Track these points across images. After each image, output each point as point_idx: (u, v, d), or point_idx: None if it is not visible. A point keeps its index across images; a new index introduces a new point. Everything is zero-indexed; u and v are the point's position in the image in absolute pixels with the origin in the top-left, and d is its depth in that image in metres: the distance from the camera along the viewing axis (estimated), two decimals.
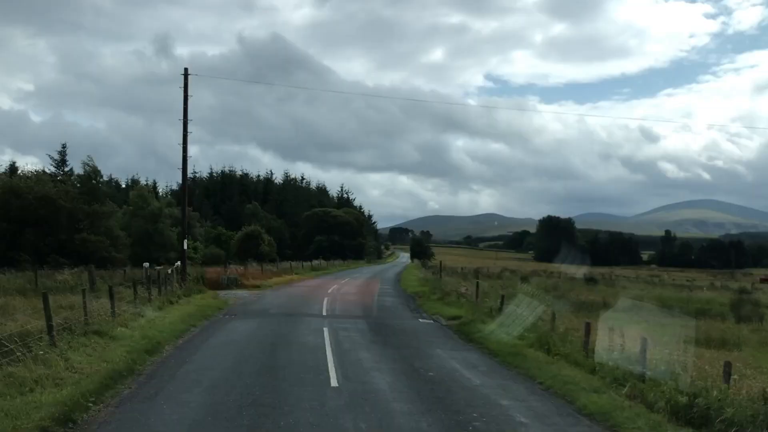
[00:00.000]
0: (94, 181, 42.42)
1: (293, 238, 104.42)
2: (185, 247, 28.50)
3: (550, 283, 48.39)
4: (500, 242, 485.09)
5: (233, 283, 33.94)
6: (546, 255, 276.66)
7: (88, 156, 45.05)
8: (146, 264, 31.46)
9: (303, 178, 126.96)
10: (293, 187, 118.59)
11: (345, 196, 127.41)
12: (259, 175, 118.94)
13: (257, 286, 35.47)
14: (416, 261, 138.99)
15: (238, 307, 26.81)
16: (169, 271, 28.79)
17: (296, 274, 49.74)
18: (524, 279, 56.15)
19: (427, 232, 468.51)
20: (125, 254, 42.73)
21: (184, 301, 24.94)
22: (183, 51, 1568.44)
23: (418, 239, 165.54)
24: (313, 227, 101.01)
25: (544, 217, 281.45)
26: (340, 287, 38.75)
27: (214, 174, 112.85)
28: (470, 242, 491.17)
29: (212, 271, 35.75)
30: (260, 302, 29.30)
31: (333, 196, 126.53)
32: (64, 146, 48.16)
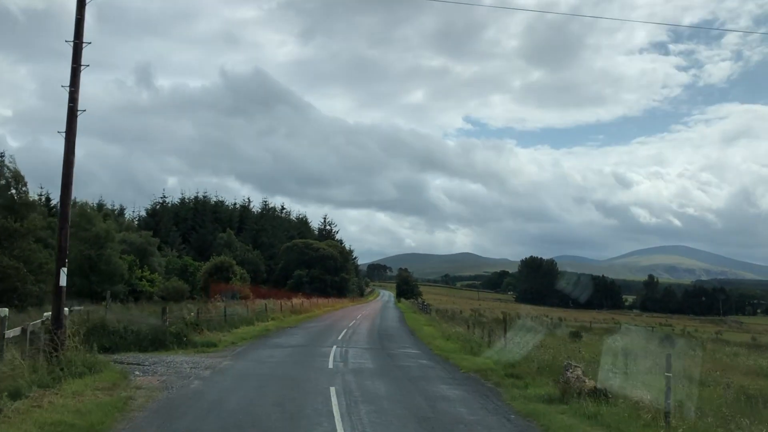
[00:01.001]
0: (13, 190, 31.80)
1: (270, 271, 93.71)
2: (61, 281, 14.33)
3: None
4: (477, 282, 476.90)
5: (175, 339, 20.65)
6: (527, 296, 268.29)
7: (10, 157, 34.58)
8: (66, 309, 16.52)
9: (283, 208, 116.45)
10: (272, 217, 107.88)
11: (328, 228, 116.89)
12: (235, 203, 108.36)
13: (213, 345, 21.98)
14: (405, 300, 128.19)
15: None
16: (36, 324, 14.83)
17: (272, 319, 38.61)
18: (575, 334, 46.00)
19: (406, 269, 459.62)
20: (49, 286, 32.04)
21: (33, 399, 11.05)
22: (165, 82, 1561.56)
23: (405, 277, 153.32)
24: (293, 260, 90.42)
25: (526, 258, 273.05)
26: (344, 349, 24.92)
27: (186, 200, 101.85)
28: (448, 281, 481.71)
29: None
30: (201, 403, 12.99)
31: (314, 228, 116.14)
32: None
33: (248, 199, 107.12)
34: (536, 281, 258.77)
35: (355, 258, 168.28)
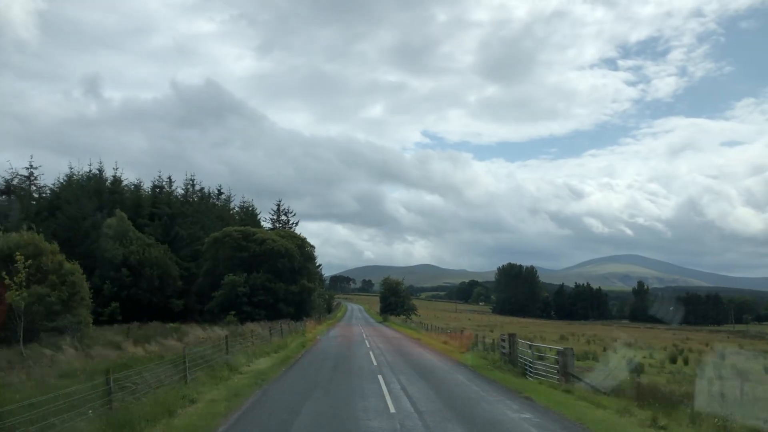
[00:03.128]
0: None
1: (188, 278, 59.10)
2: None
3: None
4: (441, 292, 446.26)
5: None
6: (506, 307, 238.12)
7: None
8: None
9: (220, 193, 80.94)
10: (200, 204, 72.91)
11: (283, 218, 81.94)
12: (140, 182, 72.38)
13: None
14: (393, 318, 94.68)
15: None
16: None
17: None
18: None
19: (369, 281, 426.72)
20: None
21: None
22: (115, 94, 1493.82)
23: (393, 286, 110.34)
24: (225, 259, 56.20)
25: (503, 266, 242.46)
26: None
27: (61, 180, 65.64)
28: (412, 292, 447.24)
29: None
30: None
31: (265, 222, 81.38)
32: None
33: (169, 178, 72.00)
34: (515, 290, 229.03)
35: (320, 266, 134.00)
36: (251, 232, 58.31)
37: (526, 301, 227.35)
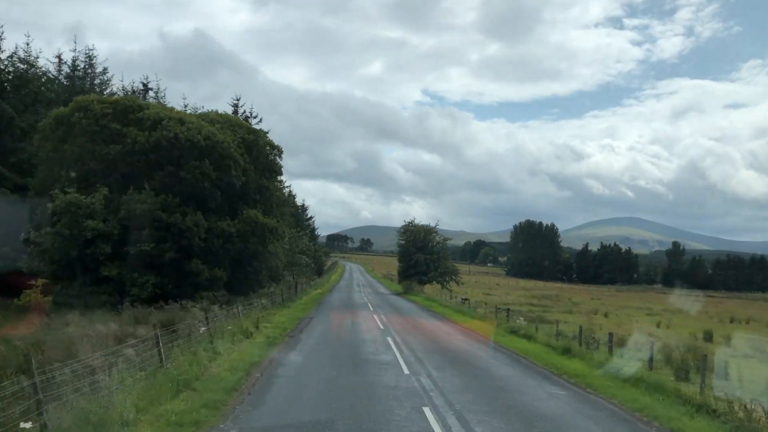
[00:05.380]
0: None
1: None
2: None
3: None
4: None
5: None
6: (522, 269, 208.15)
7: None
8: None
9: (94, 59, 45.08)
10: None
11: (242, 110, 49.78)
12: None
13: None
14: (418, 288, 60.28)
15: None
16: None
17: None
18: None
19: (368, 239, 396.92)
20: None
21: None
22: (102, 45, 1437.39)
23: (421, 236, 64.78)
24: (74, 159, 24.66)
25: (521, 223, 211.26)
26: None
27: None
28: None
29: None
30: None
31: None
32: None
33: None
34: (533, 251, 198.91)
35: (311, 218, 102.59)
36: (136, 106, 26.33)
37: (544, 262, 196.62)
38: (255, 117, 49.37)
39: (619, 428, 9.99)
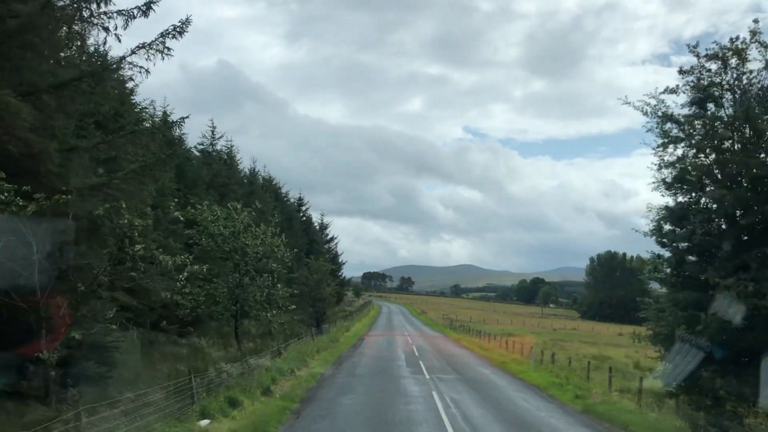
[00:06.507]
0: None
1: None
2: None
3: None
4: (490, 293, 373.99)
5: None
6: (601, 310, 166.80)
7: None
8: None
9: None
10: None
11: None
12: None
13: None
14: None
15: None
16: None
17: None
18: None
19: (409, 278, 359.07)
20: None
21: None
22: None
23: None
24: None
25: (600, 255, 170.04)
26: None
27: None
28: (457, 292, 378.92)
29: None
30: None
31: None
32: None
33: None
34: (613, 288, 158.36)
35: (331, 238, 69.15)
36: None
37: (630, 303, 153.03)
38: None
39: None
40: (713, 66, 15.29)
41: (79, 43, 12.53)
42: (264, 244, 24.17)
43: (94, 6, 11.73)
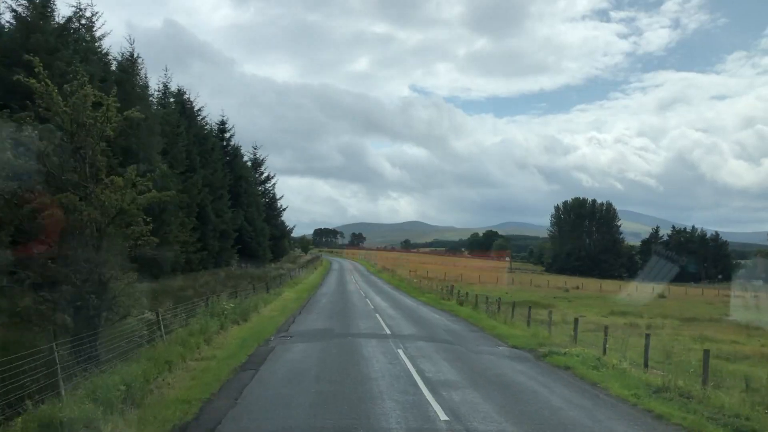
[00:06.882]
0: None
1: None
2: None
3: None
4: (440, 247, 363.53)
5: None
6: (569, 264, 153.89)
7: None
8: None
9: None
10: None
11: None
12: None
13: None
14: None
15: None
16: None
17: None
18: None
19: (360, 234, 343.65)
20: None
21: None
22: None
23: None
24: None
25: (567, 202, 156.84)
26: None
27: None
28: (407, 247, 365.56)
29: None
30: None
31: None
32: None
33: None
34: (581, 239, 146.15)
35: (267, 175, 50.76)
36: None
37: (601, 254, 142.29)
38: None
39: None
40: None
41: None
42: None
43: None
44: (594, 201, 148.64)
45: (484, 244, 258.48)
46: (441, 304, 34.28)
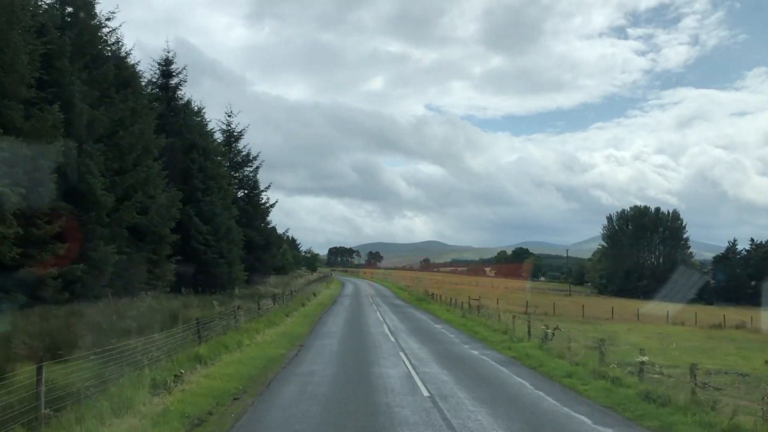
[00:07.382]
0: None
1: None
2: None
3: None
4: (461, 267, 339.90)
5: None
6: (625, 284, 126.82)
7: None
8: None
9: None
10: None
11: None
12: None
13: None
14: None
15: None
16: None
17: None
18: None
19: (377, 253, 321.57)
20: None
21: None
22: None
23: None
24: None
25: (624, 211, 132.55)
26: None
27: None
28: (427, 267, 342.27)
29: None
30: None
31: None
32: None
33: None
34: (637, 255, 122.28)
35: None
36: None
37: (670, 273, 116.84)
38: None
39: None
40: None
41: None
42: None
43: None
44: (658, 209, 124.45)
45: (510, 262, 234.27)
46: None
